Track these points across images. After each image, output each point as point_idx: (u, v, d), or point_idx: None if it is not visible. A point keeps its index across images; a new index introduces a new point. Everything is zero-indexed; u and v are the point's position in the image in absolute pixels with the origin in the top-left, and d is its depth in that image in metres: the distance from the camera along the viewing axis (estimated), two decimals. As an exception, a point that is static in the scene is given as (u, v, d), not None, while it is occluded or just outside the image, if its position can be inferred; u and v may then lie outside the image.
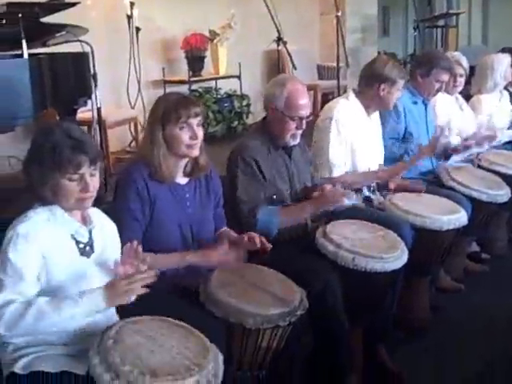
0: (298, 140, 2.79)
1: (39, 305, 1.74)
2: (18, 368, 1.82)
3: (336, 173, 3.12)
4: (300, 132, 2.76)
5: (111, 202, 2.37)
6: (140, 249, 1.91)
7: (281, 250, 2.53)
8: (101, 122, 4.31)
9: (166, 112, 2.26)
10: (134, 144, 5.58)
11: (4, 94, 3.42)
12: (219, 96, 6.12)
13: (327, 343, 2.57)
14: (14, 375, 1.82)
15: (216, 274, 2.27)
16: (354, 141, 3.17)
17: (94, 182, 1.89)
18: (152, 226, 2.31)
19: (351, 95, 3.26)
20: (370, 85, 3.19)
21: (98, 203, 2.04)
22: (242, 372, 2.23)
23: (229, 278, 2.27)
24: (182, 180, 2.41)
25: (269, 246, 2.33)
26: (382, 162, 3.37)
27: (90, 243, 1.95)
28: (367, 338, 2.85)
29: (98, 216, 2.04)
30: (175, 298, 2.21)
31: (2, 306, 1.71)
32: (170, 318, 1.93)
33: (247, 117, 6.31)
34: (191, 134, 2.28)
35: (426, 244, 3.00)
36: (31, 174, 1.86)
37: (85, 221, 1.97)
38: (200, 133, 2.31)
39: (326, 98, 6.70)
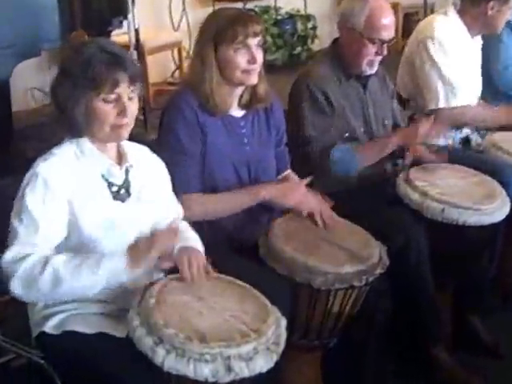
0: (375, 69, 2.71)
1: (56, 266, 1.70)
2: (48, 327, 1.84)
3: (453, 102, 3.03)
4: (379, 59, 2.67)
5: (153, 141, 2.35)
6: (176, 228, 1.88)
7: (355, 200, 2.50)
8: (139, 46, 4.27)
9: (220, 30, 2.20)
10: (177, 74, 5.51)
11: (28, 14, 3.42)
12: (279, 17, 6.01)
13: (410, 309, 2.54)
14: (44, 335, 1.84)
15: (279, 224, 2.24)
16: (456, 67, 3.07)
17: (132, 108, 1.85)
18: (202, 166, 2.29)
19: (451, 11, 3.15)
20: (477, 2, 3.07)
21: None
22: (308, 340, 2.22)
23: (295, 229, 2.24)
24: (238, 112, 2.36)
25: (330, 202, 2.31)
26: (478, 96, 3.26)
27: (126, 186, 1.92)
28: (457, 303, 2.80)
29: (137, 153, 2.00)
30: (230, 252, 2.21)
31: (15, 261, 1.70)
32: (223, 275, 1.92)
33: (312, 42, 6.18)
34: (249, 57, 2.22)
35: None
36: (60, 96, 1.82)
37: (120, 159, 1.94)
38: (259, 56, 2.24)
39: (409, 19, 6.49)
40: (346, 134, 2.66)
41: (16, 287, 1.71)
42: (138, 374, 1.66)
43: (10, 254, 1.73)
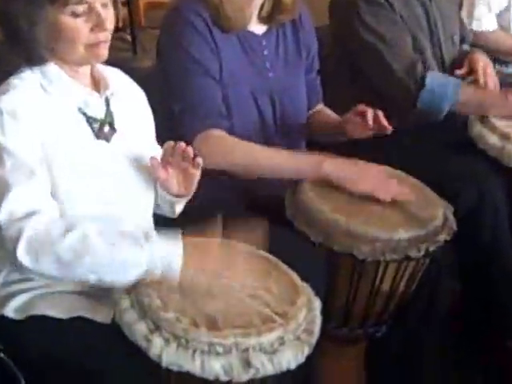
0: None
1: (87, 231, 1.67)
2: (9, 310, 1.81)
3: None
4: None
5: (147, 68, 2.36)
6: (190, 150, 1.85)
7: (411, 144, 2.50)
8: None
9: None
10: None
11: None
12: None
13: (483, 289, 2.55)
14: (3, 320, 1.82)
15: None
16: None
17: (109, 17, 1.81)
18: None
19: None
20: None
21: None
22: (350, 329, 2.23)
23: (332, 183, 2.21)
24: (258, 28, 2.35)
25: (388, 126, 2.25)
26: None
27: (109, 119, 1.91)
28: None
29: (114, 77, 1.97)
30: (248, 213, 2.20)
31: (19, 219, 1.66)
32: (239, 243, 1.90)
33: None
34: None
35: None
36: (9, 16, 1.77)
37: (97, 86, 1.92)
38: None
39: None
40: None
41: (23, 254, 1.66)
42: (126, 371, 1.64)
43: (6, 211, 1.68)
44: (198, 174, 1.88)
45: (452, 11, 2.86)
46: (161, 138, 2.05)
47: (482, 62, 2.77)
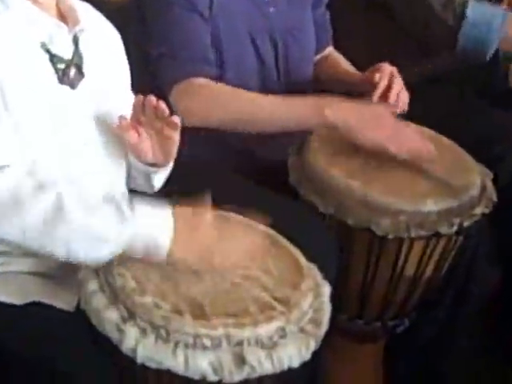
0: None
1: (62, 194, 1.68)
2: None
3: None
4: None
5: (120, 1, 2.39)
6: (163, 106, 1.81)
7: (444, 97, 2.51)
8: None
9: None
10: None
11: None
12: None
13: None
14: None
15: (320, 135, 2.24)
16: None
17: None
18: None
19: None
20: None
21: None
22: (366, 322, 2.23)
23: (344, 141, 2.21)
24: None
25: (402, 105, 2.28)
26: None
27: (77, 61, 1.90)
28: None
29: (87, 14, 1.97)
30: (243, 178, 2.21)
31: None
32: (233, 214, 1.90)
33: None
34: None
35: None
36: None
37: (65, 20, 1.90)
38: None
39: None
40: None
41: None
42: (93, 368, 1.64)
43: None
44: (176, 136, 1.85)
45: None
46: (136, 89, 2.03)
47: None
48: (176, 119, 1.80)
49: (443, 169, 2.17)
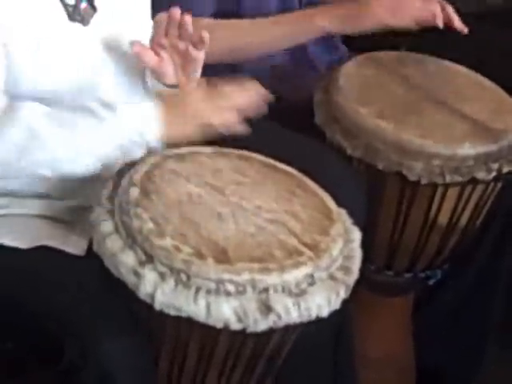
0: None
1: (32, 114, 1.70)
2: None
3: None
4: None
5: None
6: (188, 19, 1.81)
7: (482, 33, 2.45)
8: None
9: None
10: None
11: None
12: None
13: None
14: None
15: (348, 69, 2.23)
16: None
17: None
18: None
19: None
20: None
21: None
22: (395, 273, 2.23)
23: (375, 79, 2.22)
24: None
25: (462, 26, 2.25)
26: None
27: None
28: None
29: None
30: (264, 118, 2.10)
31: None
32: (257, 155, 1.89)
33: None
34: None
35: None
36: None
37: None
38: None
39: None
40: None
41: None
42: (107, 316, 1.64)
43: None
44: (201, 56, 1.85)
45: None
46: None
47: None
48: (206, 35, 1.80)
49: (481, 110, 2.16)
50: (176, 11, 1.81)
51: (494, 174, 2.07)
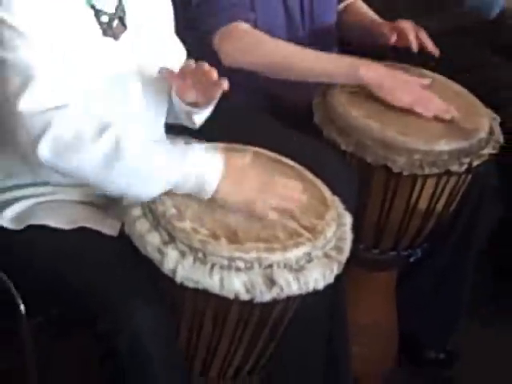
0: None
1: (120, 133, 1.66)
2: (5, 219, 1.81)
3: None
4: None
5: None
6: (214, 73, 1.76)
7: (457, 50, 2.47)
8: None
9: None
10: None
11: None
12: None
13: None
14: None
15: None
16: None
17: None
18: None
19: None
20: None
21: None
22: (381, 251, 2.22)
23: (365, 87, 2.17)
24: None
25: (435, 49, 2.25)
26: None
27: (120, 14, 1.88)
28: None
29: None
30: (273, 119, 2.19)
31: (42, 112, 1.63)
32: (264, 150, 1.89)
33: None
34: None
35: None
36: None
37: None
38: None
39: None
40: None
41: (46, 148, 1.63)
42: (137, 287, 1.64)
43: (31, 99, 1.64)
44: (220, 91, 1.79)
45: None
46: (179, 36, 2.02)
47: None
48: (225, 83, 1.74)
49: (455, 112, 2.14)
50: (204, 65, 1.77)
51: (465, 166, 2.05)
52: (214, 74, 1.75)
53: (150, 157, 1.67)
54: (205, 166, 1.68)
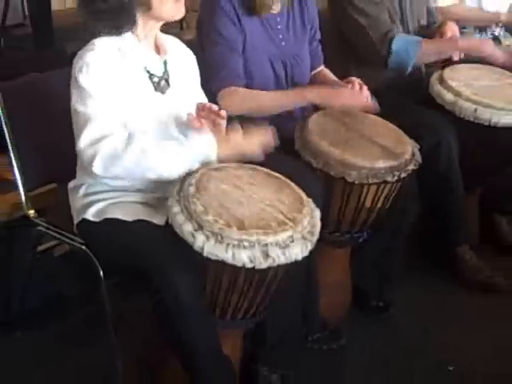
0: None
1: (142, 141, 1.69)
2: (89, 214, 1.80)
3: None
4: None
5: (190, 40, 2.24)
6: (214, 107, 1.78)
7: (388, 99, 2.39)
8: None
9: None
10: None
11: None
12: None
13: (438, 207, 2.50)
14: (85, 222, 1.81)
15: (314, 118, 2.15)
16: None
17: None
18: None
19: None
20: None
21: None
22: (340, 234, 2.17)
23: (329, 124, 2.15)
24: (275, 7, 2.24)
25: (373, 105, 2.20)
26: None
27: (166, 77, 1.87)
28: (483, 204, 2.74)
29: (172, 44, 1.93)
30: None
31: (95, 142, 1.66)
32: (260, 167, 1.86)
33: None
34: None
35: None
36: None
37: (158, 51, 1.87)
38: None
39: None
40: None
41: (98, 167, 1.67)
42: (177, 258, 1.62)
43: (87, 138, 1.67)
44: (224, 122, 1.79)
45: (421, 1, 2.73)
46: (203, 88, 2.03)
47: (450, 31, 2.61)
48: (223, 112, 1.76)
49: (389, 142, 2.12)
50: (208, 105, 1.79)
51: (396, 178, 2.03)
52: (214, 107, 1.77)
53: (165, 154, 1.71)
54: (205, 147, 1.75)
